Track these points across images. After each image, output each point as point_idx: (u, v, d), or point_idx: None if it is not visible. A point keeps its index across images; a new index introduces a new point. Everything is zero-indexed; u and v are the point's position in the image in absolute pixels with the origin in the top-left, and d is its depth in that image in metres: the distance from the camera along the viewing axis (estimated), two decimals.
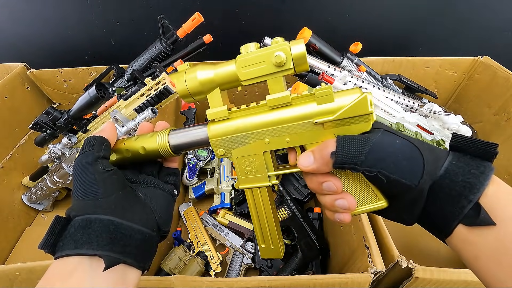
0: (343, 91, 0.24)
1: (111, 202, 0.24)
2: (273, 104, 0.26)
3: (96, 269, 0.22)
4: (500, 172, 0.66)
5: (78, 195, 0.25)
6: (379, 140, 0.22)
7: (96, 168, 0.25)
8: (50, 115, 0.60)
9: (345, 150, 0.22)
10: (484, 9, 0.77)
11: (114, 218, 0.24)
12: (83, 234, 0.23)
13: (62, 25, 0.84)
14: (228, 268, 0.61)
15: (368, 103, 0.23)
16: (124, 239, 0.23)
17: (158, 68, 0.57)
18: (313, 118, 0.24)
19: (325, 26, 0.82)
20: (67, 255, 0.22)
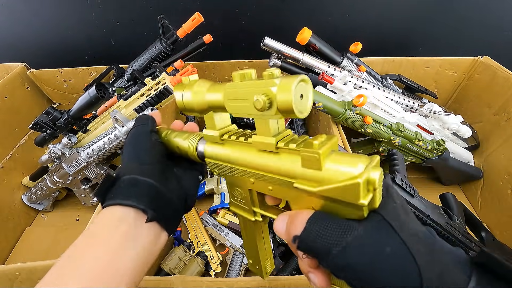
0: (346, 157, 0.18)
1: (155, 170, 0.28)
2: (258, 147, 0.23)
3: (138, 222, 0.25)
4: (500, 172, 0.66)
5: (129, 158, 0.29)
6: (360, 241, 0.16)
7: (148, 139, 0.30)
8: (50, 115, 0.60)
9: (312, 239, 0.18)
10: (484, 9, 0.77)
11: (156, 183, 0.26)
12: (130, 190, 0.25)
13: (62, 25, 0.84)
14: (228, 268, 0.61)
15: (360, 193, 0.16)
16: (161, 204, 0.26)
17: (158, 68, 0.57)
18: (295, 180, 0.20)
19: (325, 26, 0.82)
20: (118, 204, 0.25)
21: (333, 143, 0.19)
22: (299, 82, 0.18)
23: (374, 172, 0.16)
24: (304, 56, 0.59)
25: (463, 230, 0.49)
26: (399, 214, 0.17)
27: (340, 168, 0.18)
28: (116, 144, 0.57)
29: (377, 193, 0.17)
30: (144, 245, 0.24)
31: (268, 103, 0.19)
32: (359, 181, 0.16)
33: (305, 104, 0.19)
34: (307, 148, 0.19)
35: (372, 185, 0.16)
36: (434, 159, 0.66)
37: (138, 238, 0.24)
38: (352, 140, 0.70)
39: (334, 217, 0.18)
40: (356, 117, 0.54)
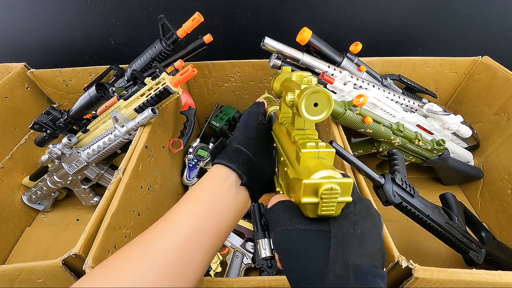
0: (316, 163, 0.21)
1: (256, 145, 0.34)
2: (287, 133, 0.28)
3: (237, 184, 0.31)
4: (500, 172, 0.66)
5: (240, 131, 0.36)
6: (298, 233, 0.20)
7: (256, 119, 0.37)
8: (50, 115, 0.60)
9: (271, 214, 0.23)
10: (484, 9, 0.77)
11: (253, 158, 0.33)
12: (234, 156, 0.32)
13: (62, 25, 0.84)
14: (228, 268, 0.61)
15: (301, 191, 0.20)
16: (253, 174, 0.32)
17: (158, 68, 0.57)
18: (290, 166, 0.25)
19: (325, 26, 0.82)
20: (223, 164, 0.32)
21: (326, 152, 0.22)
22: (314, 92, 0.21)
23: (327, 185, 0.19)
24: (304, 56, 0.59)
25: (463, 230, 0.49)
26: (348, 240, 0.19)
27: (309, 169, 0.21)
28: (116, 144, 0.57)
29: (323, 203, 0.19)
30: (241, 202, 0.31)
31: (291, 102, 0.23)
32: (304, 181, 0.19)
33: (318, 112, 0.22)
34: (300, 145, 0.23)
35: (319, 193, 0.19)
36: (434, 159, 0.66)
37: (237, 196, 0.31)
38: (352, 140, 0.70)
39: (295, 209, 0.22)
40: (356, 117, 0.54)
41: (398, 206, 0.44)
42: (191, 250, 0.26)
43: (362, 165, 0.43)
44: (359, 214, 0.21)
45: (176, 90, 0.53)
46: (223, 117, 0.84)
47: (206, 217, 0.28)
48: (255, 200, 0.34)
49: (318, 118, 0.23)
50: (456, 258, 0.56)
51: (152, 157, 0.55)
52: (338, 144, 0.44)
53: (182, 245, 0.25)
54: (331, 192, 0.19)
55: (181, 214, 0.28)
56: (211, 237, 0.27)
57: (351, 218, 0.20)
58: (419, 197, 0.46)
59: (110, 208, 0.40)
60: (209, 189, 0.30)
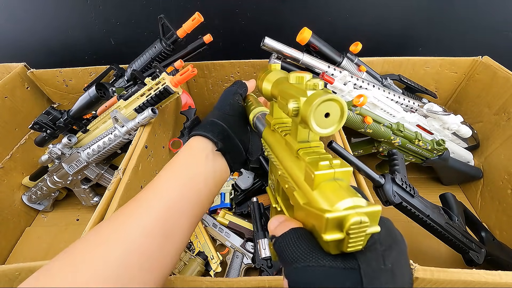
0: (336, 189, 0.18)
1: (230, 120, 0.36)
2: (287, 145, 0.25)
3: (215, 152, 0.33)
4: (500, 172, 0.66)
5: (217, 107, 0.38)
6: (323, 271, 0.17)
7: (233, 97, 0.38)
8: (50, 115, 0.60)
9: (283, 246, 0.19)
10: (484, 9, 0.77)
11: (228, 129, 0.35)
12: (210, 127, 0.34)
13: (62, 25, 0.84)
14: (228, 268, 0.61)
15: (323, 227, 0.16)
16: (229, 143, 0.34)
17: (158, 68, 0.57)
18: (297, 189, 0.21)
19: (325, 26, 0.82)
20: (200, 134, 0.34)
21: (342, 172, 0.19)
22: (326, 100, 0.18)
23: (355, 217, 0.15)
24: (304, 56, 0.59)
25: (463, 230, 0.49)
26: (380, 277, 0.16)
27: (327, 196, 0.17)
28: (116, 144, 0.57)
29: (351, 239, 0.16)
30: (220, 170, 0.33)
31: (294, 111, 0.20)
32: (327, 216, 0.16)
33: (329, 123, 0.19)
34: (312, 165, 0.19)
35: (345, 228, 0.16)
36: (434, 159, 0.66)
37: (215, 163, 0.33)
38: (352, 140, 0.70)
39: (312, 239, 0.18)
40: (356, 117, 0.54)
41: (398, 206, 0.44)
42: (174, 215, 0.27)
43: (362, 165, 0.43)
44: (385, 242, 0.18)
45: (176, 90, 0.53)
46: None
47: (186, 184, 0.29)
48: (235, 170, 0.36)
49: (329, 131, 0.19)
50: (456, 258, 0.56)
51: (152, 157, 0.55)
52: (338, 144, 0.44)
53: (165, 209, 0.27)
54: (360, 226, 0.16)
55: (163, 183, 0.29)
56: (193, 203, 0.29)
57: (377, 249, 0.17)
58: (419, 197, 0.46)
59: (110, 208, 0.40)
60: (186, 159, 0.32)
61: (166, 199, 0.28)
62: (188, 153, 0.33)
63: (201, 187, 0.31)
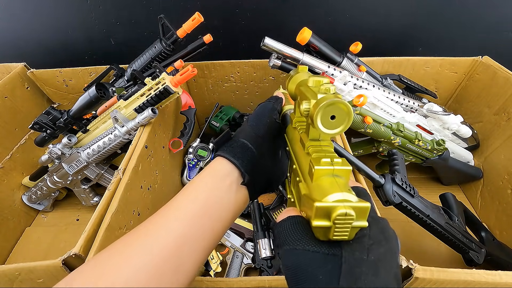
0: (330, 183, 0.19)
1: (263, 143, 0.33)
2: (300, 141, 0.26)
3: (238, 182, 0.30)
4: (500, 172, 0.66)
5: (250, 125, 0.34)
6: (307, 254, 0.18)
7: (269, 115, 0.35)
8: (50, 115, 0.60)
9: (278, 230, 0.21)
10: (484, 9, 0.77)
11: (258, 156, 0.31)
12: (240, 151, 0.31)
13: (62, 25, 0.84)
14: (228, 268, 0.61)
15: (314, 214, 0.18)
16: (256, 173, 0.31)
17: (158, 68, 0.57)
18: (302, 179, 0.24)
19: (325, 26, 0.82)
20: (225, 157, 0.30)
21: (342, 170, 0.20)
22: (332, 104, 0.20)
23: (342, 209, 0.17)
24: (304, 56, 0.59)
25: (463, 230, 0.49)
26: (361, 267, 0.17)
27: (322, 189, 0.19)
28: (116, 144, 0.57)
29: (336, 229, 0.17)
30: (239, 201, 0.30)
31: (306, 111, 0.22)
32: (316, 204, 0.17)
33: (335, 125, 0.21)
34: (314, 161, 0.21)
35: (332, 218, 0.17)
36: (434, 159, 0.66)
37: (237, 193, 0.30)
38: (352, 140, 0.70)
39: (305, 227, 0.20)
40: (356, 117, 0.54)
41: (398, 206, 0.44)
42: (186, 249, 0.25)
43: (362, 165, 0.43)
44: (374, 237, 0.19)
45: (176, 90, 0.53)
46: (223, 117, 0.84)
47: (203, 215, 0.27)
48: (253, 199, 0.33)
49: (335, 132, 0.21)
50: (456, 258, 0.56)
51: (152, 157, 0.55)
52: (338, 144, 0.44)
53: (176, 243, 0.24)
54: (345, 217, 0.17)
55: (178, 210, 0.27)
56: (207, 236, 0.27)
57: (364, 243, 0.19)
58: (419, 197, 0.46)
59: (110, 208, 0.40)
60: (207, 185, 0.29)
61: (180, 232, 0.25)
62: (211, 178, 0.30)
63: (218, 220, 0.28)
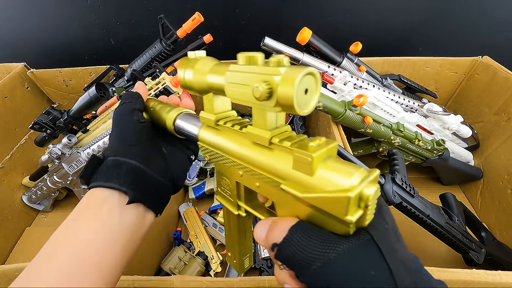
0: (342, 165, 0.16)
1: (139, 150, 0.28)
2: (251, 138, 0.21)
3: (123, 203, 0.25)
4: (500, 172, 0.66)
5: (115, 138, 0.29)
6: (344, 258, 0.15)
7: (132, 118, 0.29)
8: (50, 115, 0.60)
9: (292, 249, 0.16)
10: (484, 9, 0.77)
11: (140, 164, 0.26)
12: (113, 171, 0.26)
13: (62, 25, 0.84)
14: (228, 268, 0.61)
15: (348, 208, 0.15)
16: (144, 184, 0.26)
17: (158, 68, 0.57)
18: (283, 181, 0.18)
19: (325, 26, 0.82)
20: (99, 186, 0.25)
21: (331, 148, 0.18)
22: (306, 75, 0.16)
23: (369, 188, 0.15)
24: (304, 56, 0.59)
25: (463, 230, 0.49)
26: (390, 237, 0.16)
27: (333, 176, 0.16)
28: None
29: (368, 211, 0.15)
30: (129, 225, 0.25)
31: (267, 93, 0.17)
32: (350, 195, 0.14)
33: (308, 100, 0.17)
34: (301, 149, 0.17)
35: (364, 202, 0.15)
36: (434, 159, 0.66)
37: (123, 219, 0.25)
38: (352, 140, 0.70)
39: (318, 229, 0.17)
40: (356, 117, 0.54)
41: (398, 206, 0.44)
42: None
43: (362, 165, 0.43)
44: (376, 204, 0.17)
45: (176, 90, 0.53)
46: None
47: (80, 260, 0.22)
48: (159, 211, 0.28)
49: (310, 109, 0.18)
50: (456, 258, 0.56)
51: None
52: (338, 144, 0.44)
53: None
54: (375, 195, 0.15)
55: (48, 262, 0.22)
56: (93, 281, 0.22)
57: (376, 213, 0.17)
58: (419, 197, 0.46)
59: None
60: (81, 224, 0.24)
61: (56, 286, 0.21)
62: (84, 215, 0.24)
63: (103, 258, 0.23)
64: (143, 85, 0.33)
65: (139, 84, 0.33)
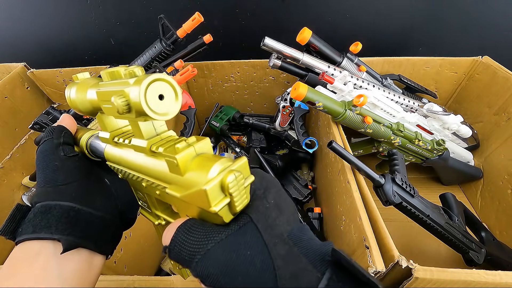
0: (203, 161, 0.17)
1: (72, 189, 0.25)
2: (136, 150, 0.21)
3: (57, 253, 0.22)
4: (500, 172, 0.66)
5: (40, 182, 0.25)
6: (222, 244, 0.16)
7: (57, 155, 0.25)
8: (50, 115, 0.60)
9: (178, 247, 0.17)
10: (484, 9, 0.77)
11: (75, 204, 0.24)
12: (42, 219, 0.23)
13: (62, 25, 0.84)
14: None
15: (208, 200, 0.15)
16: (84, 225, 0.24)
17: (158, 68, 0.57)
18: (168, 186, 0.19)
19: (325, 26, 0.82)
20: (26, 239, 0.22)
21: (202, 145, 0.18)
22: (151, 82, 0.17)
23: (229, 176, 0.16)
24: (304, 56, 0.59)
25: (463, 230, 0.49)
26: (270, 214, 0.17)
27: (197, 173, 0.17)
28: None
29: (235, 197, 0.16)
30: (73, 275, 0.22)
31: (125, 106, 0.17)
32: (205, 188, 0.15)
33: (167, 105, 0.18)
34: (169, 152, 0.18)
35: (226, 190, 0.16)
36: (434, 159, 0.66)
37: (63, 270, 0.22)
38: (352, 140, 0.70)
39: (203, 224, 0.17)
40: (356, 117, 0.54)
41: (398, 206, 0.44)
42: None
43: (362, 165, 0.43)
44: (261, 186, 0.19)
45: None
46: (223, 117, 0.84)
47: None
48: (109, 251, 0.26)
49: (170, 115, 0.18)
50: (456, 258, 0.56)
51: None
52: (338, 144, 0.44)
53: None
54: (237, 180, 0.16)
55: None
56: None
57: (258, 195, 0.18)
58: (419, 197, 0.46)
59: None
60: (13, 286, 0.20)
61: None
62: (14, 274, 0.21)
63: None
64: (68, 117, 0.30)
65: (64, 116, 0.30)
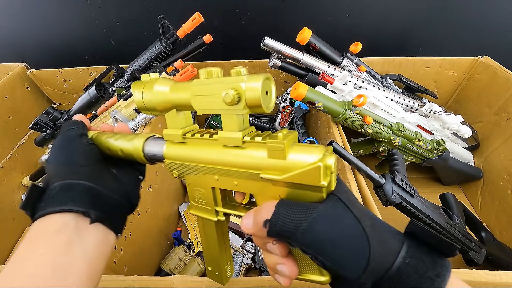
0: (306, 147, 0.20)
1: (92, 171, 0.27)
2: (224, 142, 0.23)
3: (82, 227, 0.23)
4: (500, 172, 0.66)
5: (59, 164, 0.26)
6: (323, 215, 0.19)
7: (80, 141, 0.28)
8: (50, 115, 0.60)
9: (282, 220, 0.19)
10: (484, 9, 0.77)
11: (93, 185, 0.25)
12: (65, 194, 0.24)
13: (62, 25, 0.84)
14: None
15: (320, 175, 0.19)
16: (104, 204, 0.25)
17: (158, 68, 0.57)
18: (261, 171, 0.21)
19: (325, 26, 0.82)
20: (50, 212, 0.23)
21: (293, 136, 0.22)
22: (265, 80, 0.20)
23: (330, 159, 0.19)
24: (304, 56, 0.59)
25: (463, 230, 0.49)
26: (350, 196, 0.21)
27: (302, 156, 0.20)
28: None
29: (333, 177, 0.20)
30: (93, 249, 0.23)
31: (237, 98, 0.20)
32: (320, 164, 0.18)
33: (269, 100, 0.21)
34: (273, 140, 0.21)
35: (329, 169, 0.19)
36: (434, 159, 0.66)
37: (85, 243, 0.23)
38: (352, 140, 0.70)
39: (298, 202, 0.20)
40: (356, 117, 0.54)
41: (398, 206, 0.44)
42: None
43: (362, 165, 0.43)
44: None
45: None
46: None
47: None
48: (120, 231, 0.27)
49: (270, 108, 0.21)
50: (456, 258, 0.56)
51: None
52: (338, 144, 0.44)
53: None
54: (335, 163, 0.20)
55: None
56: None
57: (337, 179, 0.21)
58: (419, 197, 0.46)
59: None
60: (37, 260, 0.20)
61: None
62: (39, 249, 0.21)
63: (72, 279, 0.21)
64: (83, 117, 0.33)
65: (79, 115, 0.33)
